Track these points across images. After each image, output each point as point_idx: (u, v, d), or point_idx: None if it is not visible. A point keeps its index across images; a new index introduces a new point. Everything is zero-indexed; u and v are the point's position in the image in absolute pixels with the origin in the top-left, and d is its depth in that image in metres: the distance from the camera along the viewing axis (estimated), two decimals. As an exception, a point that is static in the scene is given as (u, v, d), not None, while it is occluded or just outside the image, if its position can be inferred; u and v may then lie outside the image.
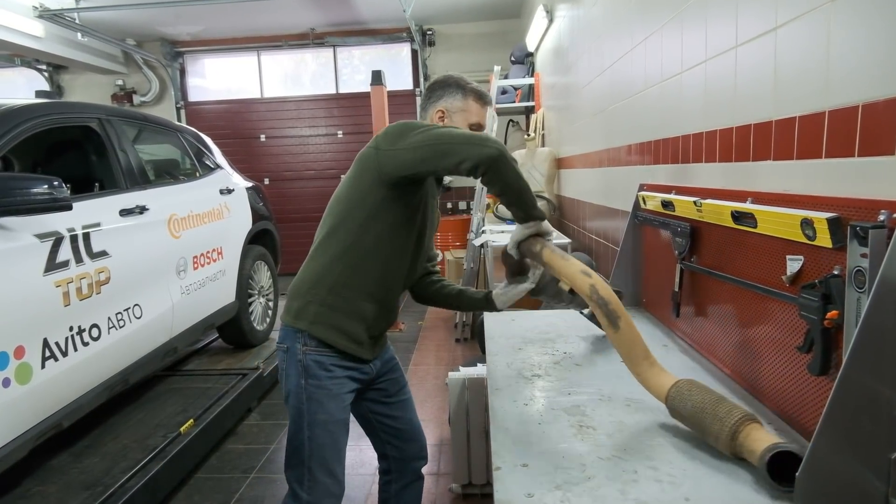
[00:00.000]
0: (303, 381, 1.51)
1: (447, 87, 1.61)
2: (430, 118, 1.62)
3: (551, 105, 4.84)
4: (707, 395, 1.09)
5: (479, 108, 1.63)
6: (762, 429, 1.01)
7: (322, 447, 1.52)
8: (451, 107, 1.60)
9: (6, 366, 1.82)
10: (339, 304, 1.52)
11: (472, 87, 1.63)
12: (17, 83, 8.01)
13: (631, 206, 2.05)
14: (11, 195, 1.77)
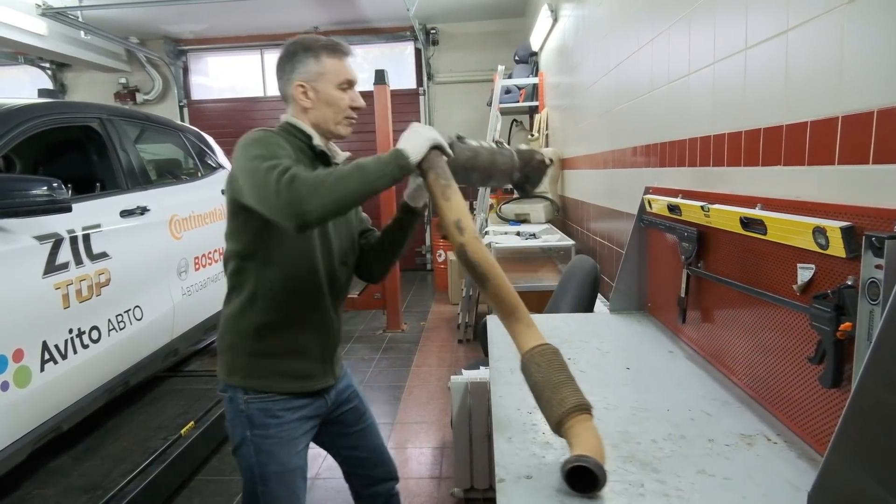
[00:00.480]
0: (248, 433, 1.37)
1: (295, 56, 1.38)
2: (293, 98, 1.39)
3: (555, 105, 4.81)
4: (553, 374, 1.07)
5: (338, 62, 1.38)
6: (585, 424, 1.00)
7: (279, 499, 1.40)
8: (308, 76, 1.37)
9: (5, 369, 1.80)
10: (268, 348, 1.38)
11: (322, 42, 1.39)
12: (21, 81, 8.01)
13: (636, 208, 2.03)
14: (10, 196, 1.75)
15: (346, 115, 1.41)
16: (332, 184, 1.12)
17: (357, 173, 1.14)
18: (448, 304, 5.94)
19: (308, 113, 1.40)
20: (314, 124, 1.40)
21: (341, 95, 1.39)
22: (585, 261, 2.58)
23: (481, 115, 7.27)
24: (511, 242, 3.47)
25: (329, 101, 1.38)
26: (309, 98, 1.38)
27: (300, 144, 1.38)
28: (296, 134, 1.39)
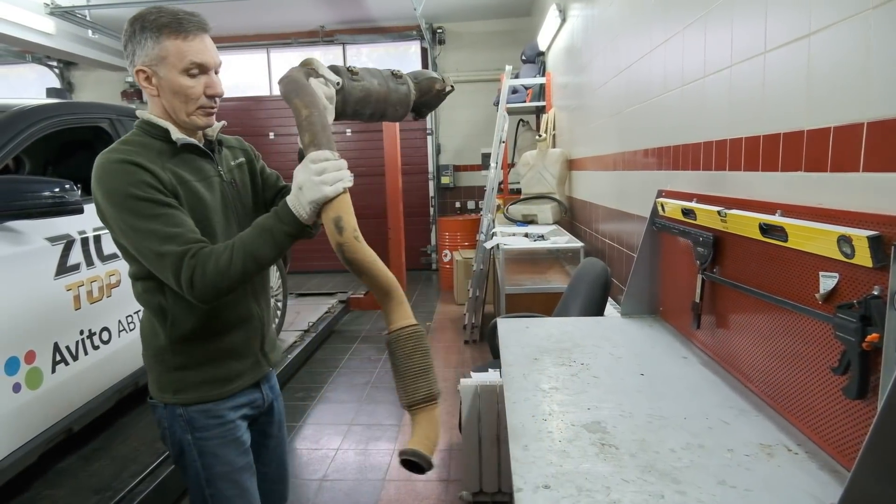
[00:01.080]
0: (189, 437, 1.31)
1: (133, 37, 1.20)
2: (140, 85, 1.24)
3: (563, 105, 4.79)
4: (415, 362, 1.14)
5: (182, 42, 1.18)
6: (429, 414, 1.13)
7: (230, 499, 1.34)
8: (149, 59, 1.19)
9: (17, 371, 1.80)
10: (189, 361, 1.29)
11: (163, 18, 1.18)
12: (28, 79, 8.03)
13: (648, 211, 2.01)
14: (23, 198, 1.75)
15: (199, 105, 1.23)
16: (235, 272, 1.13)
17: (253, 250, 1.14)
18: (454, 304, 5.93)
19: (156, 104, 1.25)
20: (166, 114, 1.25)
21: (190, 83, 1.20)
22: (595, 264, 2.56)
23: (487, 115, 7.26)
24: (519, 244, 3.46)
25: (175, 90, 1.20)
26: (152, 85, 1.21)
27: (159, 146, 1.23)
28: (151, 132, 1.24)
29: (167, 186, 1.18)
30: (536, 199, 4.39)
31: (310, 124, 1.15)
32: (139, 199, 1.13)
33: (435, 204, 7.73)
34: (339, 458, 2.87)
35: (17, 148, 1.94)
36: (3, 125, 1.93)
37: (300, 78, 1.22)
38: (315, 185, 1.12)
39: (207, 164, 1.32)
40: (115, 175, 1.15)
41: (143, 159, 1.17)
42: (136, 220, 1.13)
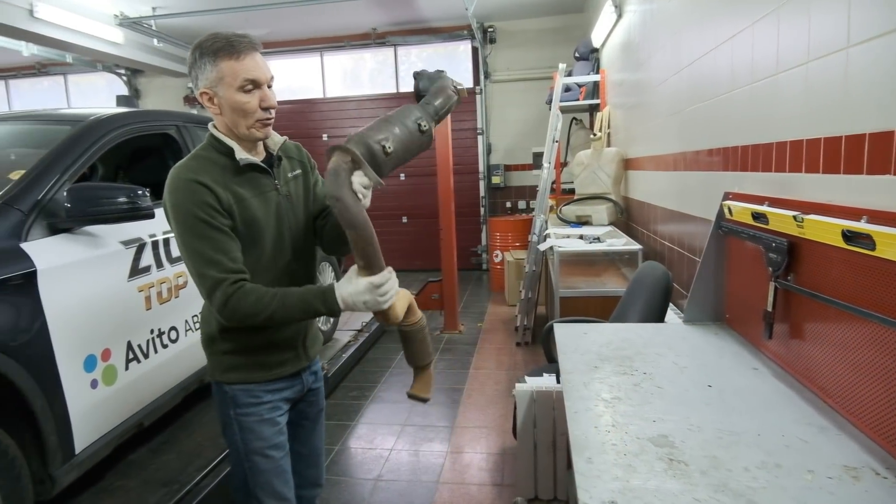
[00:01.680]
0: (231, 412, 1.47)
1: (195, 64, 1.34)
2: (205, 106, 1.38)
3: (619, 103, 4.68)
4: (419, 342, 1.54)
5: (236, 62, 1.30)
6: (425, 372, 1.61)
7: (264, 473, 1.48)
8: (210, 82, 1.32)
9: (94, 368, 1.90)
10: (237, 346, 1.45)
11: (217, 44, 1.31)
12: (97, 86, 8.47)
13: (712, 213, 1.93)
14: (100, 204, 1.85)
15: (257, 119, 1.35)
16: (263, 318, 1.30)
17: (287, 312, 1.32)
18: (504, 305, 5.90)
19: (220, 122, 1.39)
20: (229, 130, 1.38)
21: (245, 98, 1.32)
22: (656, 267, 2.49)
23: (539, 114, 7.18)
24: (574, 246, 3.40)
25: (233, 107, 1.33)
26: (215, 104, 1.35)
27: (224, 162, 1.37)
28: (219, 148, 1.38)
29: (224, 206, 1.32)
30: (591, 200, 4.31)
31: (362, 250, 1.32)
32: (197, 218, 1.29)
33: (486, 204, 7.71)
34: (392, 458, 2.90)
35: (95, 156, 2.05)
36: (81, 135, 2.04)
37: (345, 184, 1.29)
38: (378, 304, 1.34)
39: (266, 178, 1.44)
40: (183, 192, 1.30)
41: (208, 178, 1.31)
42: (190, 238, 1.30)
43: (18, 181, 1.85)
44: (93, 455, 1.93)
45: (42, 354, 1.73)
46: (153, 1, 5.96)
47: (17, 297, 1.66)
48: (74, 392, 1.82)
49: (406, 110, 1.46)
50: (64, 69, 8.24)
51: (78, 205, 1.81)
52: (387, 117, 1.41)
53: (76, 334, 1.86)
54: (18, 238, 1.75)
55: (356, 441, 3.08)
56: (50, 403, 1.73)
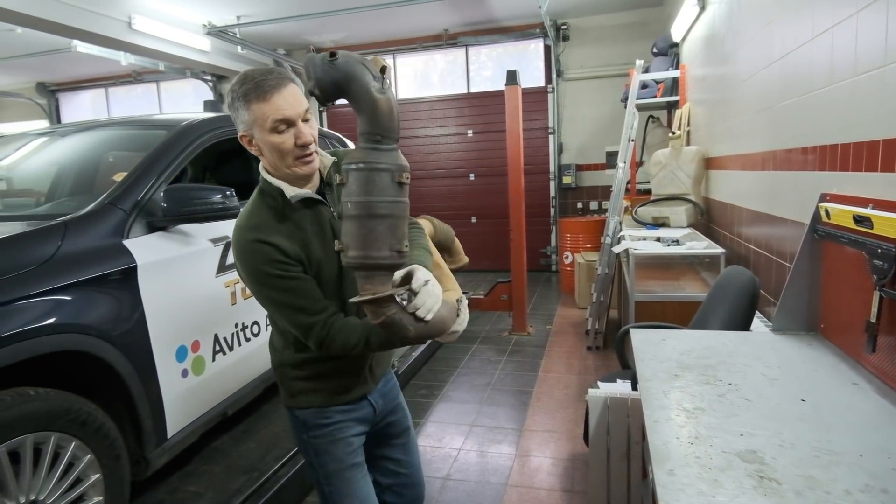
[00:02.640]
0: (304, 436, 1.49)
1: (232, 107, 1.31)
2: (248, 149, 1.36)
3: (700, 99, 4.48)
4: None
5: (265, 104, 1.25)
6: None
7: (344, 497, 1.48)
8: (246, 126, 1.30)
9: (185, 358, 2.02)
10: (307, 374, 1.46)
11: (245, 87, 1.26)
12: (185, 92, 9.00)
13: (805, 216, 1.81)
14: (192, 204, 1.97)
15: (295, 157, 1.31)
16: (360, 348, 1.34)
17: (363, 340, 1.33)
18: (574, 307, 5.79)
19: (264, 162, 1.37)
20: (276, 169, 1.35)
21: (279, 139, 1.28)
22: (741, 273, 2.36)
23: (613, 112, 6.99)
24: (651, 249, 3.28)
25: (270, 147, 1.30)
26: (254, 146, 1.33)
27: (280, 204, 1.34)
28: (270, 191, 1.35)
29: (293, 257, 1.31)
30: (669, 201, 4.15)
31: None
32: (272, 276, 1.29)
33: (556, 204, 7.59)
34: (461, 458, 2.90)
35: (187, 158, 2.19)
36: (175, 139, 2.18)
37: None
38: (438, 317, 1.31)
39: (323, 207, 1.40)
40: (251, 255, 1.30)
41: (271, 233, 1.30)
42: (272, 293, 1.32)
43: (121, 183, 2.00)
44: (183, 440, 2.05)
45: (140, 343, 1.86)
46: (238, 10, 6.26)
47: (119, 290, 1.79)
48: (167, 380, 1.95)
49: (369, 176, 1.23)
50: (156, 77, 8.81)
51: (173, 205, 1.93)
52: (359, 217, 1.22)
53: (170, 326, 1.98)
54: (121, 235, 1.89)
55: (425, 439, 3.10)
56: (146, 389, 1.86)
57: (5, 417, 1.45)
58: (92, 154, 2.54)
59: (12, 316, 1.49)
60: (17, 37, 6.17)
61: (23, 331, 1.50)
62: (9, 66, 7.92)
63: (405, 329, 1.24)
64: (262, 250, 1.28)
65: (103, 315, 1.73)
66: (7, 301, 1.50)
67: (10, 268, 1.56)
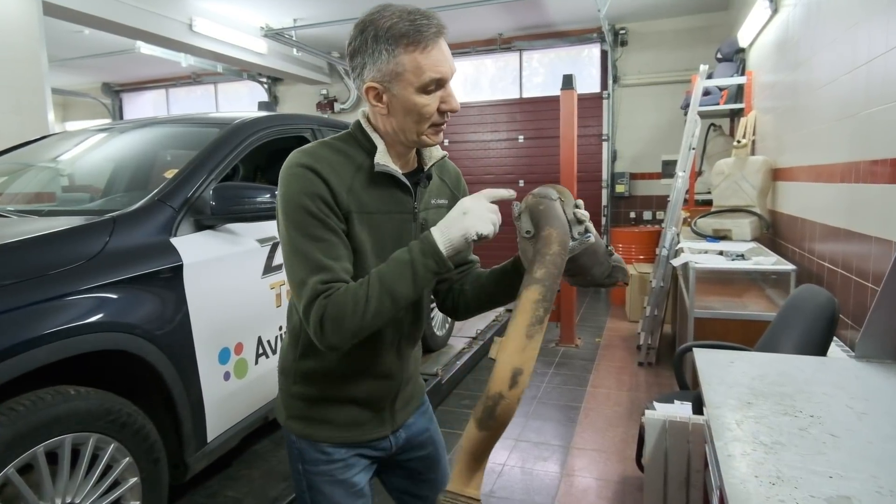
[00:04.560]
0: (300, 466, 1.22)
1: (364, 49, 1.05)
2: (367, 101, 1.11)
3: (769, 107, 4.24)
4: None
5: (421, 55, 1.02)
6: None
7: None
8: (383, 75, 1.04)
9: (228, 360, 1.99)
10: (310, 393, 1.19)
11: (401, 26, 1.01)
12: (241, 93, 9.22)
13: (893, 233, 1.63)
14: (241, 203, 1.93)
15: (432, 123, 1.08)
16: (367, 316, 1.00)
17: (390, 296, 1.01)
18: (625, 320, 5.58)
19: (382, 120, 1.12)
20: (390, 132, 1.11)
21: (425, 100, 1.05)
22: (817, 293, 2.17)
23: (671, 120, 6.75)
24: (713, 263, 3.09)
25: (408, 108, 1.06)
26: (383, 103, 1.07)
27: (362, 160, 1.11)
28: (361, 143, 1.13)
29: (342, 208, 1.07)
30: (731, 213, 3.93)
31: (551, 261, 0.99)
32: (308, 213, 1.03)
33: (608, 213, 7.37)
34: (505, 473, 2.79)
35: (238, 156, 2.17)
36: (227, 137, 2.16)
37: (559, 213, 1.06)
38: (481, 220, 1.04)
39: (404, 196, 1.16)
40: (296, 179, 1.05)
41: (330, 170, 1.06)
42: (299, 236, 1.03)
43: (171, 180, 1.99)
44: (223, 444, 2.02)
45: (182, 344, 1.83)
46: (294, 12, 6.35)
47: (164, 289, 1.77)
48: (209, 382, 1.91)
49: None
50: (214, 78, 9.07)
51: (222, 203, 1.90)
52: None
53: (214, 327, 1.95)
54: (169, 233, 1.87)
55: (468, 452, 3.00)
56: (187, 392, 1.83)
57: (45, 416, 1.41)
58: (147, 151, 2.57)
59: (58, 312, 1.46)
60: (85, 38, 6.45)
61: (68, 328, 1.47)
62: (76, 67, 8.30)
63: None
64: (311, 179, 1.04)
65: (148, 314, 1.70)
66: (54, 297, 1.48)
67: (58, 263, 1.54)
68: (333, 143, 1.14)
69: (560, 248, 0.99)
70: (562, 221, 1.04)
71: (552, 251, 0.98)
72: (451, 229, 1.03)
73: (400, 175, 1.13)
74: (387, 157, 1.12)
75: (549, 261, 0.97)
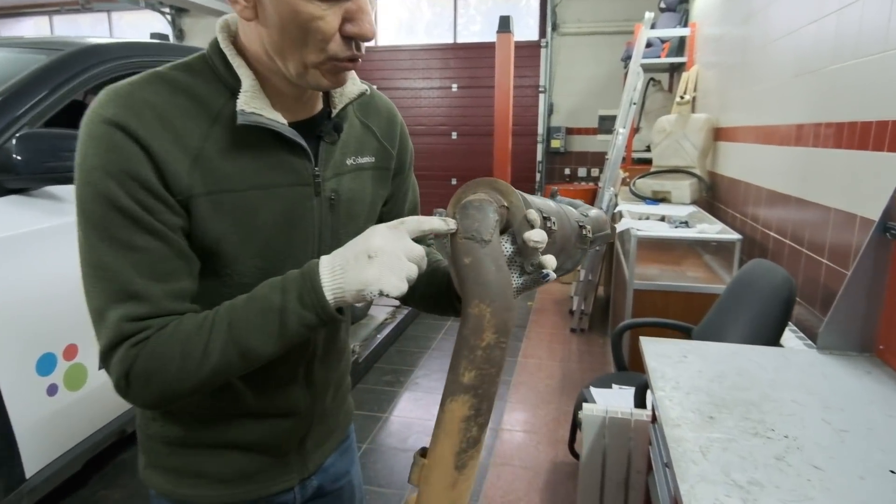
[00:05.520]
0: None
1: None
2: (237, 13, 0.69)
3: (712, 62, 4.01)
4: None
5: None
6: None
7: None
8: None
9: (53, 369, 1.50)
10: (177, 435, 0.82)
11: None
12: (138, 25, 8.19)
13: (855, 205, 1.40)
14: (60, 158, 1.42)
15: (331, 56, 0.67)
16: (198, 377, 0.66)
17: (240, 354, 0.66)
18: (557, 281, 5.41)
19: (250, 35, 0.71)
20: (263, 58, 0.71)
21: (317, 11, 0.64)
22: (773, 271, 1.96)
23: (609, 72, 6.49)
24: (657, 231, 2.86)
25: (287, 19, 0.64)
26: (254, 17, 0.67)
27: (222, 103, 0.71)
28: (221, 75, 0.72)
29: (180, 191, 0.67)
30: (671, 174, 3.72)
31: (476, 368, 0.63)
32: (115, 206, 0.64)
33: (542, 169, 7.13)
34: (427, 463, 2.52)
35: (70, 95, 1.62)
36: (54, 67, 1.60)
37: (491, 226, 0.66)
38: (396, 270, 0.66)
39: (298, 158, 0.75)
40: (95, 147, 0.64)
41: (159, 128, 0.66)
42: (98, 241, 0.65)
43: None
44: (54, 476, 1.56)
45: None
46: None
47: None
48: (22, 402, 1.44)
49: (564, 205, 0.90)
50: (108, 5, 7.97)
51: (31, 157, 1.38)
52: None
53: (27, 329, 1.47)
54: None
55: (387, 439, 2.71)
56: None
57: None
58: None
59: None
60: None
61: None
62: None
63: None
64: (118, 148, 0.64)
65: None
66: None
67: None
68: (172, 75, 0.71)
69: (497, 337, 0.62)
70: (498, 285, 0.64)
71: (485, 341, 0.61)
72: (347, 274, 0.66)
73: (281, 127, 0.72)
74: (258, 98, 0.71)
75: (480, 357, 0.61)
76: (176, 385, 0.66)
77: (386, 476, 2.41)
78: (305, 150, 0.75)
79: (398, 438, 2.71)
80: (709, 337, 2.07)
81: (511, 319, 0.63)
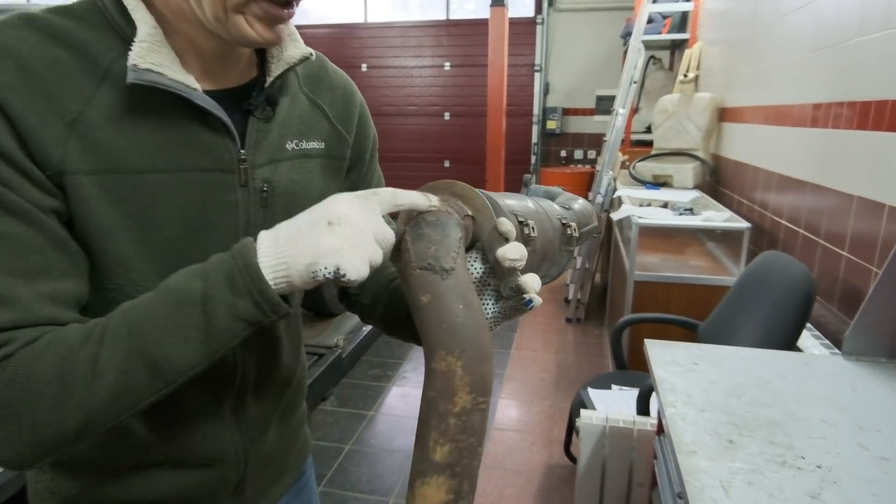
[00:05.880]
0: None
1: None
2: None
3: (717, 38, 3.81)
4: None
5: None
6: None
7: None
8: None
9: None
10: (74, 492, 0.65)
11: None
12: None
13: (881, 193, 1.22)
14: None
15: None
16: (77, 407, 0.47)
17: (152, 367, 0.49)
18: (553, 268, 5.25)
19: None
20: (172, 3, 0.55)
21: None
22: (789, 265, 1.79)
23: (608, 51, 6.27)
24: (660, 219, 2.68)
25: None
26: None
27: (109, 60, 0.54)
28: (113, 20, 0.55)
29: (49, 164, 0.51)
30: (672, 157, 3.54)
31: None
32: None
33: (537, 151, 6.92)
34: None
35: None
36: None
37: (455, 249, 0.50)
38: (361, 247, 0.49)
39: (217, 136, 0.59)
40: None
41: (23, 85, 0.49)
42: None
43: None
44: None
45: None
46: None
47: None
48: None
49: (541, 200, 0.76)
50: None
51: None
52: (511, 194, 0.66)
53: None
54: None
55: (375, 438, 2.55)
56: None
57: None
58: None
59: None
60: None
61: None
62: None
63: None
64: None
65: None
66: None
67: None
68: (46, 18, 0.53)
69: (473, 398, 0.45)
70: (469, 329, 0.46)
71: (458, 405, 0.44)
72: (295, 245, 0.49)
73: (189, 91, 0.55)
74: (159, 52, 0.54)
75: (454, 427, 0.44)
76: (53, 424, 0.47)
77: (369, 481, 2.26)
78: (227, 126, 0.58)
79: (384, 439, 2.55)
80: (717, 336, 1.92)
81: (489, 371, 0.46)
